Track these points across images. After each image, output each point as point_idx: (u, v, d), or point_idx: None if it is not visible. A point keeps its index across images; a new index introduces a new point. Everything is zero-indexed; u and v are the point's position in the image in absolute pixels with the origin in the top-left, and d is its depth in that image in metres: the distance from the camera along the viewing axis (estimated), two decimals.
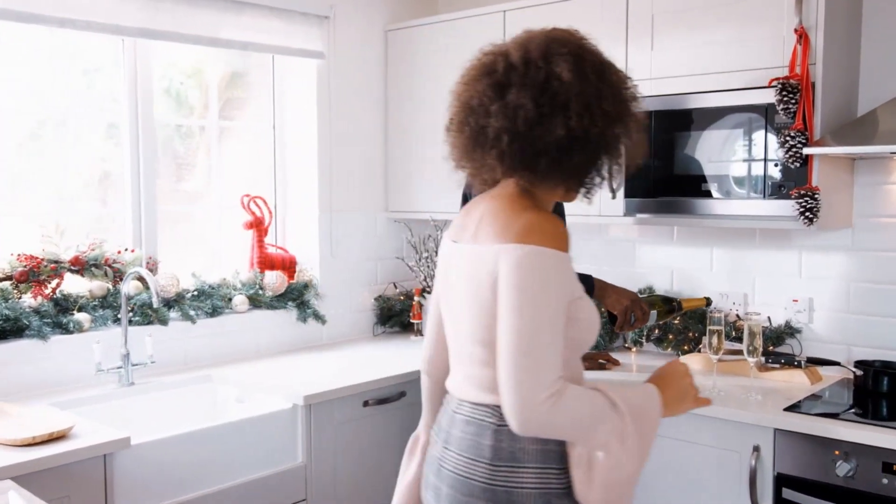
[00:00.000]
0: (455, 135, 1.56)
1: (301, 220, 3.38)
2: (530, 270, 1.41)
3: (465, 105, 1.53)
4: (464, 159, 1.56)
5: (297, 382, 2.67)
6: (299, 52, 3.19)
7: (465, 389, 1.56)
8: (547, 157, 1.46)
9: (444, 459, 1.56)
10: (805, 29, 2.39)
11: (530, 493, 1.45)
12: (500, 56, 1.52)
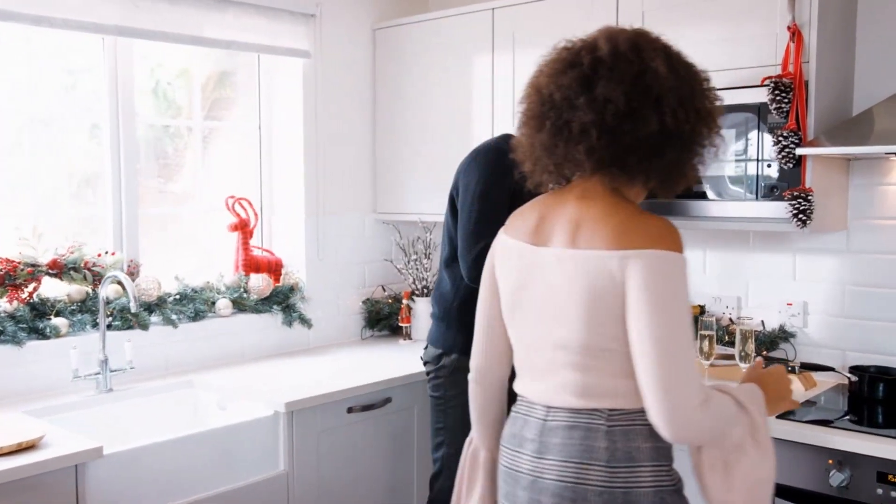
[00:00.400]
0: (531, 130, 1.52)
1: (288, 221, 3.32)
2: (670, 276, 1.40)
3: (547, 99, 1.48)
4: (543, 155, 1.51)
5: (280, 388, 2.61)
6: (285, 51, 3.13)
7: (560, 397, 1.50)
8: (638, 153, 1.43)
9: (542, 470, 1.50)
10: (798, 26, 2.33)
11: (647, 492, 1.45)
12: (585, 49, 1.48)
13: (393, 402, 2.76)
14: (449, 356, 2.40)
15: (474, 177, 2.30)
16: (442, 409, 2.42)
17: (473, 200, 2.27)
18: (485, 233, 2.23)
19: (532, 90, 1.52)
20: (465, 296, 2.37)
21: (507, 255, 1.60)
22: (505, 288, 1.60)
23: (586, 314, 1.44)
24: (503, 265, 1.61)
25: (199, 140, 3.24)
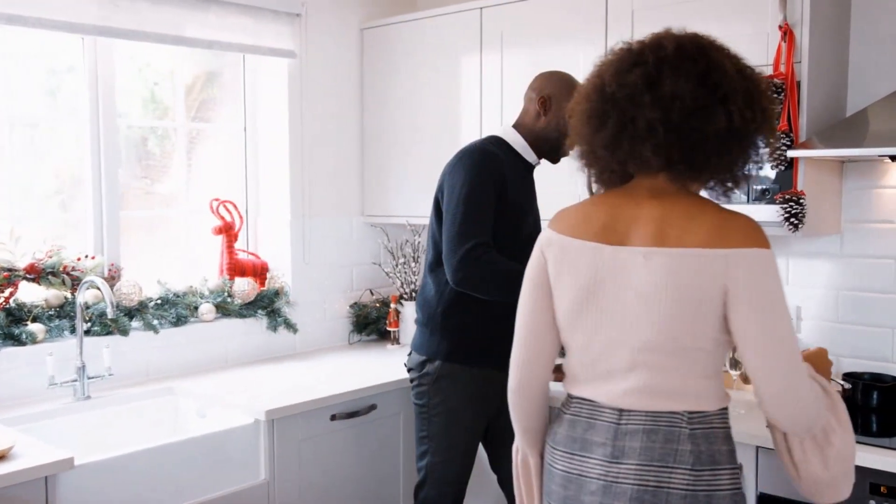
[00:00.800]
0: (591, 129, 1.51)
1: (273, 224, 3.27)
2: (774, 273, 1.43)
3: (610, 97, 1.47)
4: (606, 154, 1.50)
5: (262, 396, 2.55)
6: (269, 51, 3.08)
7: (636, 399, 1.48)
8: (705, 150, 1.44)
9: (617, 474, 1.47)
10: (790, 25, 2.28)
11: (726, 495, 1.45)
12: (649, 48, 1.49)
13: (378, 409, 2.70)
14: (433, 363, 2.34)
15: (459, 178, 2.24)
16: (426, 418, 2.37)
17: (459, 202, 2.21)
18: (470, 234, 2.18)
19: (592, 89, 1.51)
20: (449, 301, 2.31)
21: (569, 255, 1.53)
22: (567, 291, 1.53)
23: (678, 313, 1.43)
24: (564, 267, 1.53)
25: (184, 142, 3.19)
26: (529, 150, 2.39)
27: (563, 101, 2.35)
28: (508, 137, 2.39)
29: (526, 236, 2.38)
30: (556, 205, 2.82)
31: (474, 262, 2.16)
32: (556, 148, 2.39)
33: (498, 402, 2.39)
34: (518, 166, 2.36)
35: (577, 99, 1.55)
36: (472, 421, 2.37)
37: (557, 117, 2.34)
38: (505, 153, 2.33)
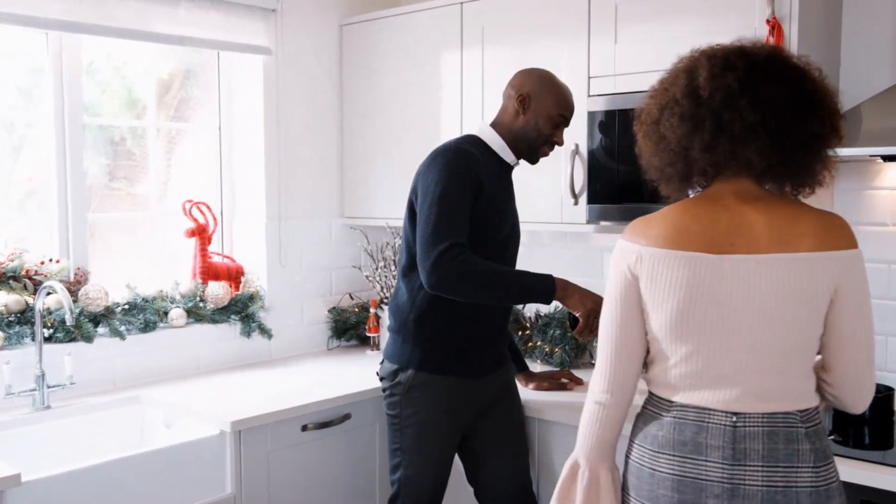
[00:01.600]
0: (686, 131, 1.51)
1: (249, 227, 3.17)
2: (865, 272, 1.52)
3: (706, 100, 1.49)
4: (702, 156, 1.51)
5: (229, 405, 2.45)
6: (243, 47, 2.98)
7: (751, 403, 1.51)
8: (799, 153, 1.50)
9: (743, 477, 1.49)
10: (778, 20, 2.18)
11: (837, 485, 1.52)
12: (734, 54, 1.52)
13: (353, 419, 2.60)
14: (405, 372, 2.24)
15: (433, 178, 2.14)
16: (398, 429, 2.27)
17: (433, 202, 2.11)
18: (445, 235, 2.08)
19: (683, 93, 1.52)
20: (422, 307, 2.21)
21: (667, 268, 1.52)
22: (667, 303, 1.52)
23: (791, 316, 1.48)
24: (662, 280, 1.52)
25: (162, 142, 3.10)
26: (507, 150, 2.29)
27: (543, 100, 2.26)
28: (486, 136, 2.29)
29: (504, 238, 2.28)
30: (537, 206, 2.77)
31: (449, 263, 2.06)
32: (535, 148, 2.29)
33: (474, 412, 2.30)
34: (495, 166, 2.26)
35: (665, 102, 1.54)
36: (447, 432, 2.27)
37: (537, 116, 2.25)
38: (481, 153, 2.23)
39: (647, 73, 2.44)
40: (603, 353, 1.61)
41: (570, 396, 2.53)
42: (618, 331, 1.59)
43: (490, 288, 2.11)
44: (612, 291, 1.60)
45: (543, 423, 2.42)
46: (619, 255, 1.59)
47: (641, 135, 1.60)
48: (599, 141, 2.54)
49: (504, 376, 2.37)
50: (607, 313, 1.61)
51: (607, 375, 1.61)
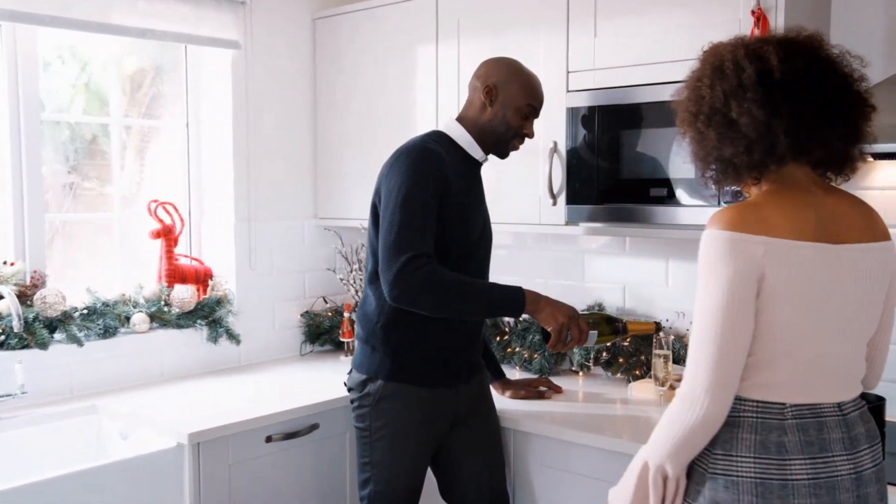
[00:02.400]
0: (768, 113, 1.46)
1: (218, 228, 3.05)
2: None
3: (779, 84, 1.46)
4: (787, 139, 1.46)
5: (190, 415, 2.33)
6: (210, 41, 2.86)
7: (852, 390, 1.55)
8: (852, 141, 1.51)
9: (859, 462, 1.50)
10: (763, 10, 2.07)
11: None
12: (796, 40, 1.52)
13: (321, 429, 2.48)
14: (374, 382, 2.12)
15: (396, 181, 2.03)
16: (367, 443, 2.15)
17: (395, 208, 1.99)
18: (408, 244, 1.96)
19: (756, 78, 1.46)
20: (391, 315, 2.10)
21: (794, 260, 1.45)
22: (794, 297, 1.46)
23: (875, 305, 1.52)
24: (794, 273, 1.45)
25: (127, 139, 2.98)
26: (475, 146, 2.17)
27: (511, 90, 2.14)
28: (452, 132, 2.17)
29: (475, 239, 2.17)
30: (515, 206, 2.66)
31: (411, 275, 1.94)
32: (505, 142, 2.18)
33: (448, 423, 2.18)
34: (463, 164, 2.15)
35: (725, 89, 1.48)
36: (419, 445, 2.15)
37: (505, 108, 2.14)
38: (447, 150, 2.12)
39: (628, 67, 2.34)
40: (707, 350, 1.44)
41: (548, 406, 2.42)
42: (730, 328, 1.44)
43: (456, 302, 2.00)
44: (721, 286, 1.43)
45: (520, 433, 2.31)
46: (734, 247, 1.43)
47: (701, 125, 1.51)
48: (579, 139, 2.44)
49: (479, 385, 2.26)
50: (716, 309, 1.44)
51: (712, 375, 1.44)
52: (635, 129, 2.34)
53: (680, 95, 1.58)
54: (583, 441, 2.16)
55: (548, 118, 2.50)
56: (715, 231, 1.45)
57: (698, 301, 1.46)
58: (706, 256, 1.45)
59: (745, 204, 1.50)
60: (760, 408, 1.48)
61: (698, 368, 1.46)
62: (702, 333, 1.45)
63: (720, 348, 1.44)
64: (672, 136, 2.24)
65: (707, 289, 1.45)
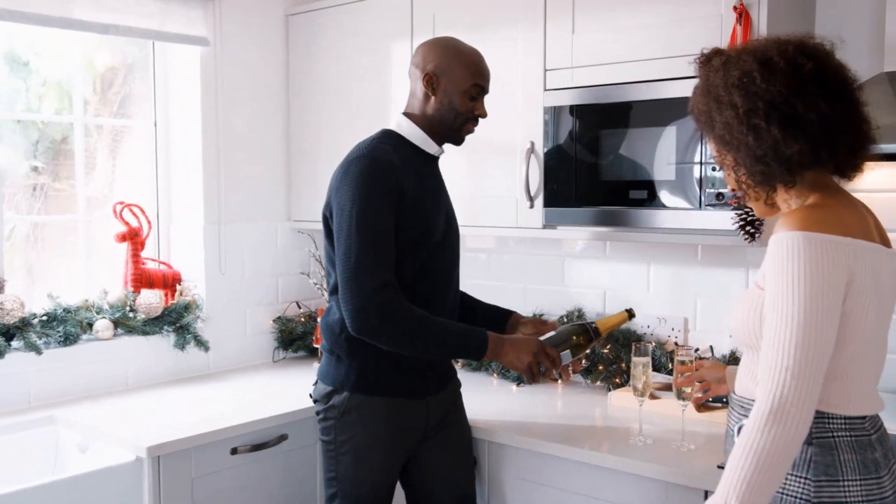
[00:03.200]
0: (830, 111, 1.41)
1: (187, 231, 2.95)
2: None
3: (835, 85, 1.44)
4: (842, 139, 1.42)
5: (151, 426, 2.24)
6: (177, 37, 2.76)
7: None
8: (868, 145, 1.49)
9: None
10: (745, 6, 2.00)
11: None
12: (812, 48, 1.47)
13: (290, 440, 2.39)
14: (340, 394, 2.03)
15: (347, 195, 1.90)
16: (333, 457, 2.06)
17: (351, 229, 1.87)
18: (370, 273, 1.85)
19: (812, 69, 1.42)
20: None
21: (878, 264, 1.42)
22: (874, 301, 1.41)
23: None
24: (876, 278, 1.41)
25: (97, 139, 2.89)
26: (429, 140, 2.04)
27: (452, 73, 1.99)
28: (402, 129, 2.04)
29: (440, 239, 2.04)
30: (492, 208, 2.57)
31: (375, 310, 1.84)
32: (456, 129, 2.04)
33: (417, 436, 2.09)
34: (416, 161, 2.02)
35: (789, 83, 1.40)
36: (387, 459, 2.06)
37: (449, 94, 2.00)
38: (398, 150, 1.99)
39: (607, 65, 2.26)
40: (796, 359, 1.33)
41: (525, 416, 2.33)
42: (821, 335, 1.34)
43: (418, 342, 1.91)
44: (811, 291, 1.34)
45: (494, 445, 2.22)
46: (827, 249, 1.36)
47: (759, 120, 1.40)
48: (556, 139, 2.35)
49: (450, 395, 2.17)
50: (805, 315, 1.33)
51: (804, 387, 1.32)
52: (615, 129, 2.26)
53: (709, 95, 1.48)
54: (559, 453, 2.07)
55: (525, 118, 2.42)
56: (801, 233, 1.36)
57: (780, 307, 1.35)
58: (792, 259, 1.35)
59: (819, 205, 1.43)
60: (849, 424, 1.41)
61: (785, 380, 1.33)
62: (787, 342, 1.34)
63: (809, 358, 1.33)
64: (649, 137, 2.17)
65: (793, 293, 1.34)
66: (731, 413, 1.56)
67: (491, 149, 2.52)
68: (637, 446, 2.03)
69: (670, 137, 2.14)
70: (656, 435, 2.09)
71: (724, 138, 1.46)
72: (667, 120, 2.14)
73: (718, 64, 1.47)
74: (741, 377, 1.54)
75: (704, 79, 1.50)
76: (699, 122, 1.53)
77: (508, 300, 2.90)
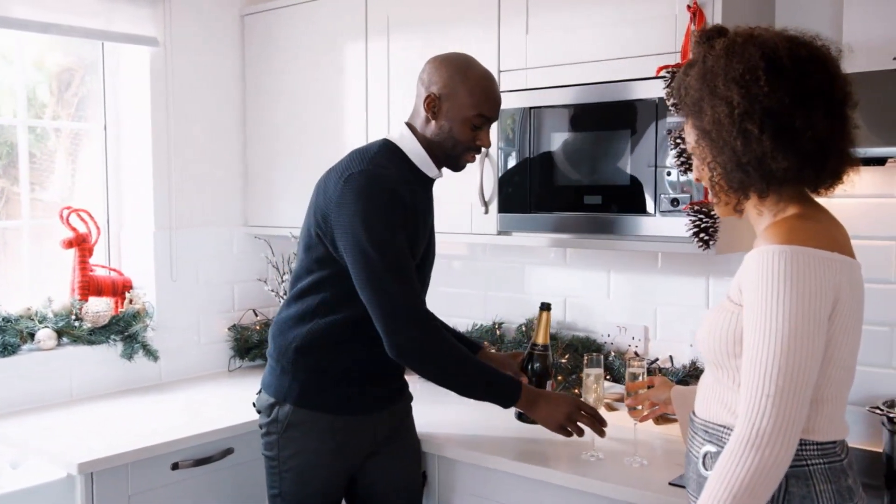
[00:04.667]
0: (829, 124, 1.31)
1: (138, 237, 2.86)
2: None
3: (835, 97, 1.34)
4: (838, 154, 1.33)
5: (87, 441, 2.15)
6: (124, 37, 2.68)
7: None
8: None
9: None
10: (699, 4, 1.93)
11: None
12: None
13: (236, 454, 2.30)
14: (282, 407, 1.94)
15: (359, 217, 1.79)
16: (276, 473, 1.97)
17: (376, 256, 1.78)
18: (410, 301, 1.82)
19: (820, 81, 1.32)
20: (308, 336, 1.92)
21: (854, 278, 1.33)
22: (859, 322, 1.35)
23: None
24: (854, 292, 1.32)
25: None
26: (428, 161, 1.93)
27: (456, 99, 1.87)
28: (405, 144, 1.93)
29: (419, 262, 1.96)
30: (447, 215, 2.44)
31: (422, 340, 1.82)
32: (454, 157, 1.94)
33: (364, 452, 2.00)
34: (417, 183, 1.93)
35: (794, 93, 1.29)
36: (331, 476, 1.98)
37: (450, 121, 1.88)
38: (401, 169, 1.89)
39: (560, 66, 2.19)
40: (778, 382, 1.23)
41: (476, 430, 2.24)
42: (806, 357, 1.24)
43: (453, 378, 1.89)
44: (798, 309, 1.23)
45: (445, 460, 2.14)
46: (817, 267, 1.25)
47: (750, 125, 1.29)
48: (511, 143, 2.28)
49: (401, 409, 2.09)
50: (791, 334, 1.23)
51: (785, 413, 1.23)
52: (569, 133, 2.18)
53: (704, 81, 1.34)
54: (512, 470, 1.99)
55: None
56: (788, 247, 1.25)
57: (763, 328, 1.24)
58: (777, 276, 1.24)
59: (804, 217, 1.32)
60: (822, 451, 1.32)
61: (765, 404, 1.23)
62: (769, 363, 1.24)
63: (794, 381, 1.23)
64: (608, 140, 2.09)
65: (778, 314, 1.23)
66: (693, 437, 1.45)
67: None
68: (589, 462, 1.96)
69: (625, 141, 2.07)
70: (609, 448, 2.01)
71: (710, 134, 1.34)
72: (622, 123, 2.07)
73: (721, 49, 1.34)
74: (706, 399, 1.42)
75: (702, 61, 1.36)
76: (684, 104, 1.40)
77: (469, 307, 2.83)
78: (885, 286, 2.05)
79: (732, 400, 1.35)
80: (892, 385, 2.03)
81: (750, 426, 1.24)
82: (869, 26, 1.84)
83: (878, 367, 2.05)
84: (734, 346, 1.33)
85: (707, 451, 1.38)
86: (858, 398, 2.02)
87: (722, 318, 1.36)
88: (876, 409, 1.87)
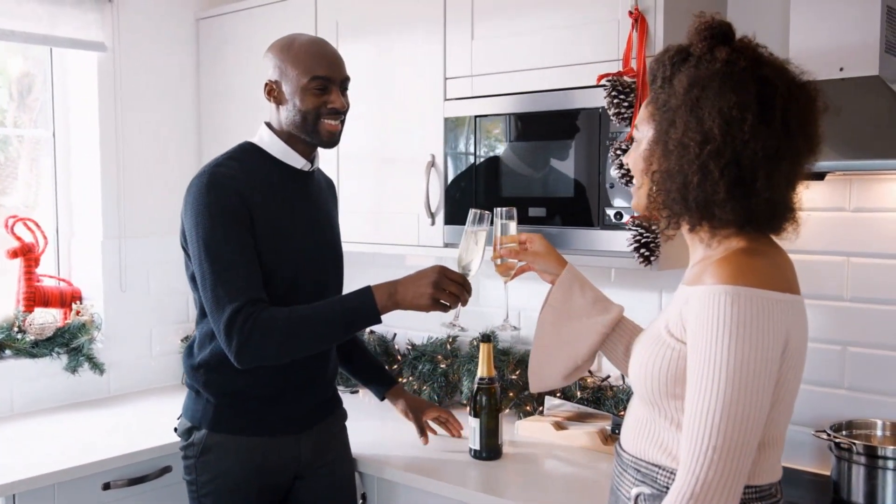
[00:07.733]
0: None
1: (86, 246, 2.80)
2: None
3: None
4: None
5: (13, 460, 2.08)
6: (69, 42, 2.61)
7: None
8: None
9: None
10: (641, 11, 1.85)
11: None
12: None
13: (173, 473, 2.23)
14: (199, 431, 1.86)
15: (192, 220, 1.72)
16: (195, 498, 1.89)
17: (201, 255, 1.70)
18: (227, 295, 1.67)
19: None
20: (211, 355, 1.83)
21: (802, 319, 1.25)
22: (801, 361, 1.25)
23: None
24: (801, 333, 1.24)
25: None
26: (291, 153, 1.84)
27: (288, 75, 1.78)
28: (263, 141, 1.85)
29: (303, 265, 1.85)
30: (394, 225, 2.35)
31: (240, 329, 1.66)
32: (312, 131, 1.80)
33: (290, 474, 1.92)
34: (276, 178, 1.83)
35: (770, 145, 1.18)
36: (251, 500, 1.88)
37: (291, 98, 1.78)
38: (252, 164, 1.81)
39: (504, 73, 2.12)
40: (728, 433, 1.14)
41: (420, 448, 2.17)
42: (758, 406, 1.15)
43: (303, 336, 1.70)
44: (750, 356, 1.15)
45: (384, 482, 2.07)
46: (768, 311, 1.16)
47: (711, 164, 1.18)
48: (457, 152, 2.21)
49: (331, 428, 2.00)
50: (743, 382, 1.14)
51: (733, 465, 1.14)
52: (514, 142, 2.11)
53: (689, 94, 1.21)
54: (457, 496, 1.90)
55: (425, 129, 2.28)
56: (738, 288, 1.15)
57: (708, 375, 1.15)
58: (725, 320, 1.15)
59: (752, 252, 1.22)
60: (760, 494, 1.24)
61: (710, 456, 1.14)
62: (715, 413, 1.14)
63: (741, 431, 1.14)
64: (552, 150, 2.02)
65: (724, 362, 1.14)
66: (622, 474, 1.34)
67: (393, 162, 2.37)
68: (531, 484, 1.88)
69: (568, 151, 1.99)
70: (554, 472, 1.94)
71: (670, 153, 1.23)
72: (565, 133, 2.00)
73: (720, 64, 1.21)
74: (638, 435, 1.32)
75: (695, 64, 1.24)
76: (658, 98, 1.27)
77: (423, 320, 2.74)
78: (837, 303, 1.97)
79: (669, 440, 1.25)
80: (843, 406, 1.95)
81: (694, 479, 1.15)
82: (814, 34, 1.77)
83: (829, 387, 1.97)
84: (674, 387, 1.23)
85: (640, 492, 1.28)
86: (807, 419, 1.95)
87: (661, 353, 1.25)
88: (822, 434, 1.79)
